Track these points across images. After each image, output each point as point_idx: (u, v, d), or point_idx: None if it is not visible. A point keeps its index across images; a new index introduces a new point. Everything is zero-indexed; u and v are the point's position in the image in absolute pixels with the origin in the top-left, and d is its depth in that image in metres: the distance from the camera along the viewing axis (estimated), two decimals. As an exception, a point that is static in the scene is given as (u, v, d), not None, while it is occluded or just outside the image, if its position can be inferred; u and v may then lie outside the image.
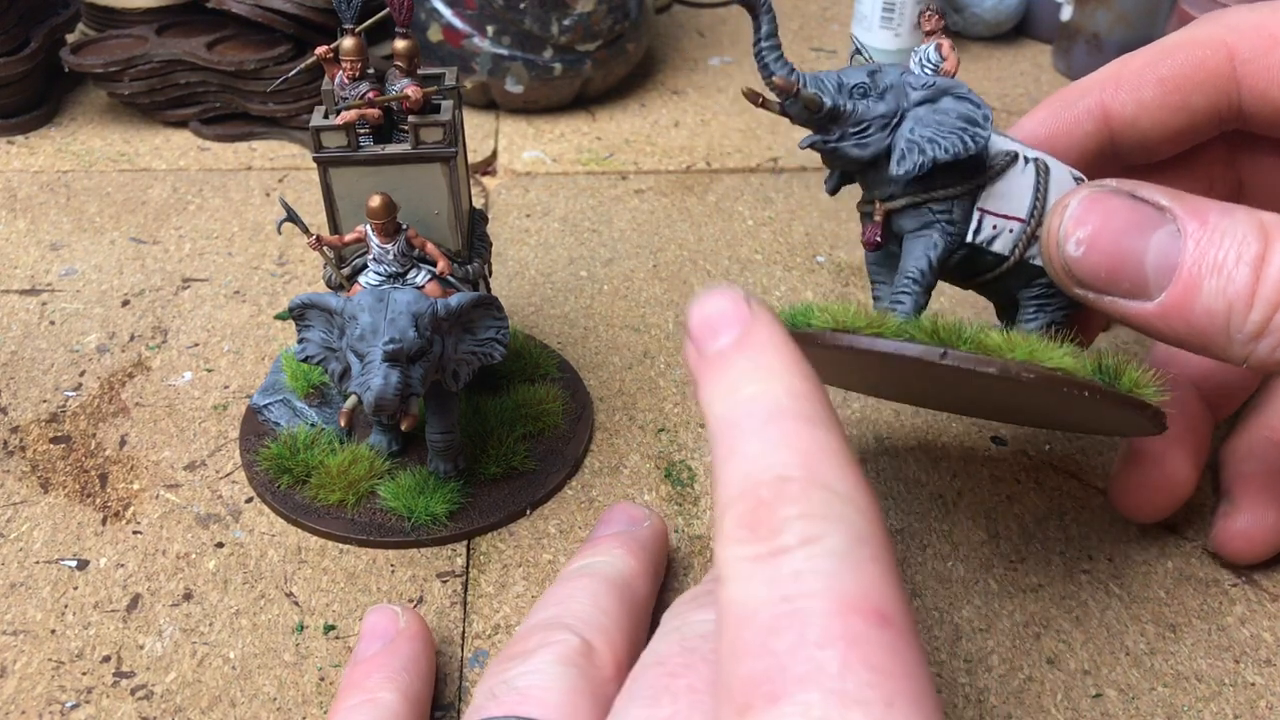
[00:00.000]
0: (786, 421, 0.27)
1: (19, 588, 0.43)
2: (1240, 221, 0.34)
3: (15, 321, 0.58)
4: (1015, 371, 0.36)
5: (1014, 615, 0.43)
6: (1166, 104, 0.41)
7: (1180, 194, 0.35)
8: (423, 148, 0.44)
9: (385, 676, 0.36)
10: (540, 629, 0.35)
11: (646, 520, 0.43)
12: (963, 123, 0.38)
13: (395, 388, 0.39)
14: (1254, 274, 0.33)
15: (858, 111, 0.38)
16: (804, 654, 0.23)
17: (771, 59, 0.38)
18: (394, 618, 0.39)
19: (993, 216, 0.39)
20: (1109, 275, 0.36)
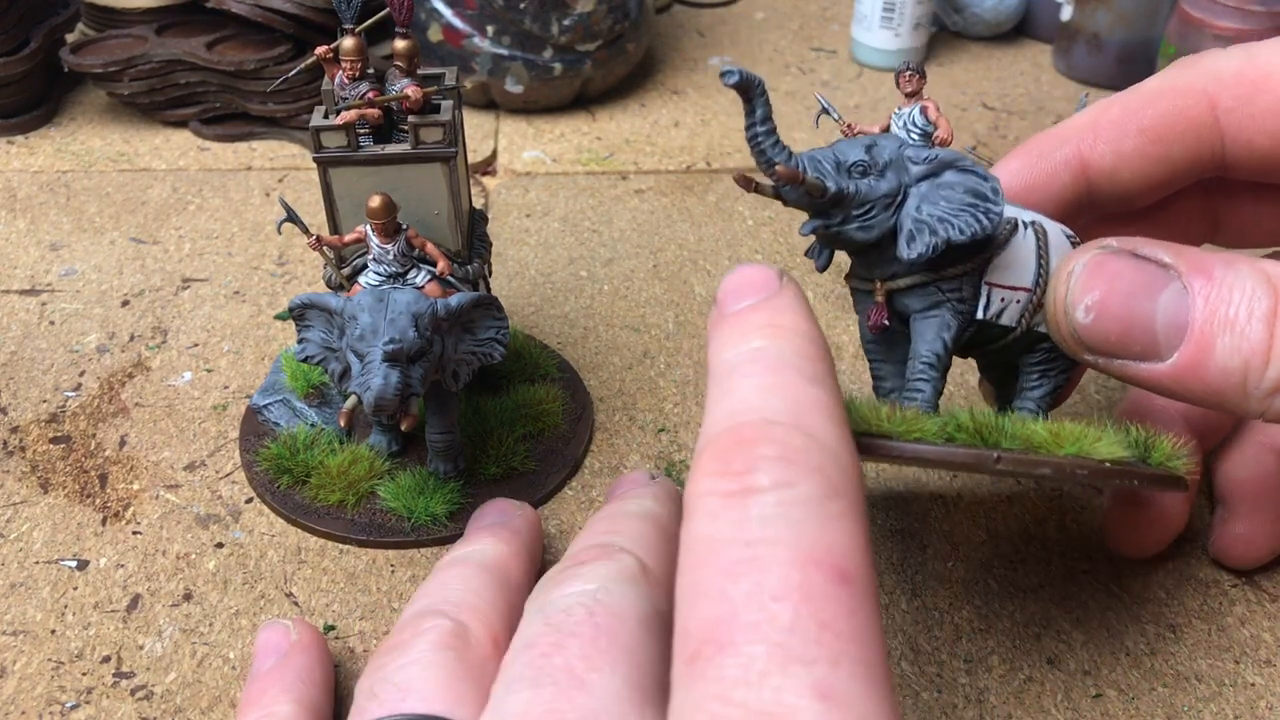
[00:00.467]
0: (786, 374, 0.27)
1: (19, 588, 0.43)
2: (1246, 275, 0.33)
3: (15, 321, 0.58)
4: (1070, 470, 0.35)
5: (1014, 615, 0.43)
6: (1147, 155, 0.40)
7: (1180, 248, 0.34)
8: (423, 148, 0.44)
9: (281, 689, 0.36)
10: (413, 620, 0.35)
11: (518, 511, 0.43)
12: (972, 198, 0.36)
13: (395, 388, 0.39)
14: (1268, 329, 0.32)
15: (860, 193, 0.36)
16: (757, 603, 0.23)
17: (768, 145, 0.36)
18: (285, 632, 0.39)
19: (1000, 289, 0.38)
20: (1120, 340, 0.35)
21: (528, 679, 0.30)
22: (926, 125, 0.38)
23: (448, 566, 0.38)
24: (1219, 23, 0.74)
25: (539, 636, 0.31)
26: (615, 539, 0.36)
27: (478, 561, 0.38)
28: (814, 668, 0.22)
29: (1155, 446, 0.37)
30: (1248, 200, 0.43)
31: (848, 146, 0.37)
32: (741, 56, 0.92)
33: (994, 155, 0.76)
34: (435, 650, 0.33)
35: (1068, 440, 0.36)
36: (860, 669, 0.23)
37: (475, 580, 0.37)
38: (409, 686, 0.32)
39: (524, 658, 0.31)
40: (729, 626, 0.23)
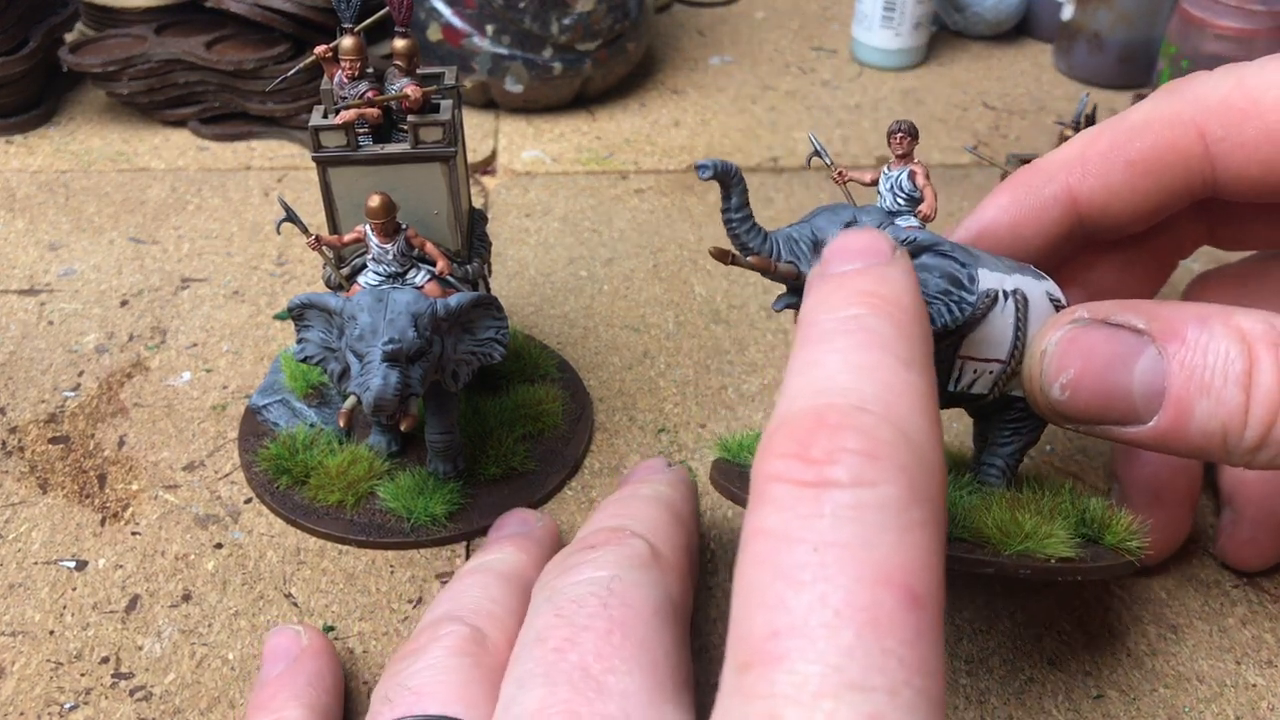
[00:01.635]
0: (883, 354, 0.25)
1: (17, 588, 0.43)
2: (1220, 336, 0.33)
3: (14, 321, 0.58)
4: (1013, 569, 0.36)
5: (1015, 616, 0.43)
6: (1137, 188, 0.39)
7: (1154, 310, 0.34)
8: (422, 147, 0.44)
9: (290, 695, 0.35)
10: (430, 626, 0.35)
11: (538, 521, 0.43)
12: (948, 285, 0.36)
13: (394, 388, 0.39)
14: (1243, 392, 0.32)
15: None
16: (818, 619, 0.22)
17: (743, 231, 0.36)
18: (295, 637, 0.38)
19: (974, 362, 0.38)
20: (1099, 411, 0.35)
21: (540, 676, 0.30)
22: (914, 191, 0.38)
23: (467, 574, 0.38)
24: (1220, 22, 0.74)
25: (550, 630, 0.31)
26: (627, 522, 0.36)
27: (497, 570, 0.38)
28: (871, 696, 0.21)
29: (1110, 527, 0.38)
30: (1242, 212, 0.43)
31: (827, 223, 0.36)
32: (742, 56, 0.92)
33: (994, 155, 0.76)
34: (451, 655, 0.33)
35: (1015, 538, 0.36)
36: (920, 701, 0.22)
37: (494, 588, 0.37)
38: (424, 690, 0.32)
39: (536, 653, 0.31)
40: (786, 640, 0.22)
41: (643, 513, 0.37)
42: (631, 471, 0.44)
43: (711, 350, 0.57)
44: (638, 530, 0.36)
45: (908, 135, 0.38)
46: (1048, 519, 0.37)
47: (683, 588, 0.36)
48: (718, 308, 0.60)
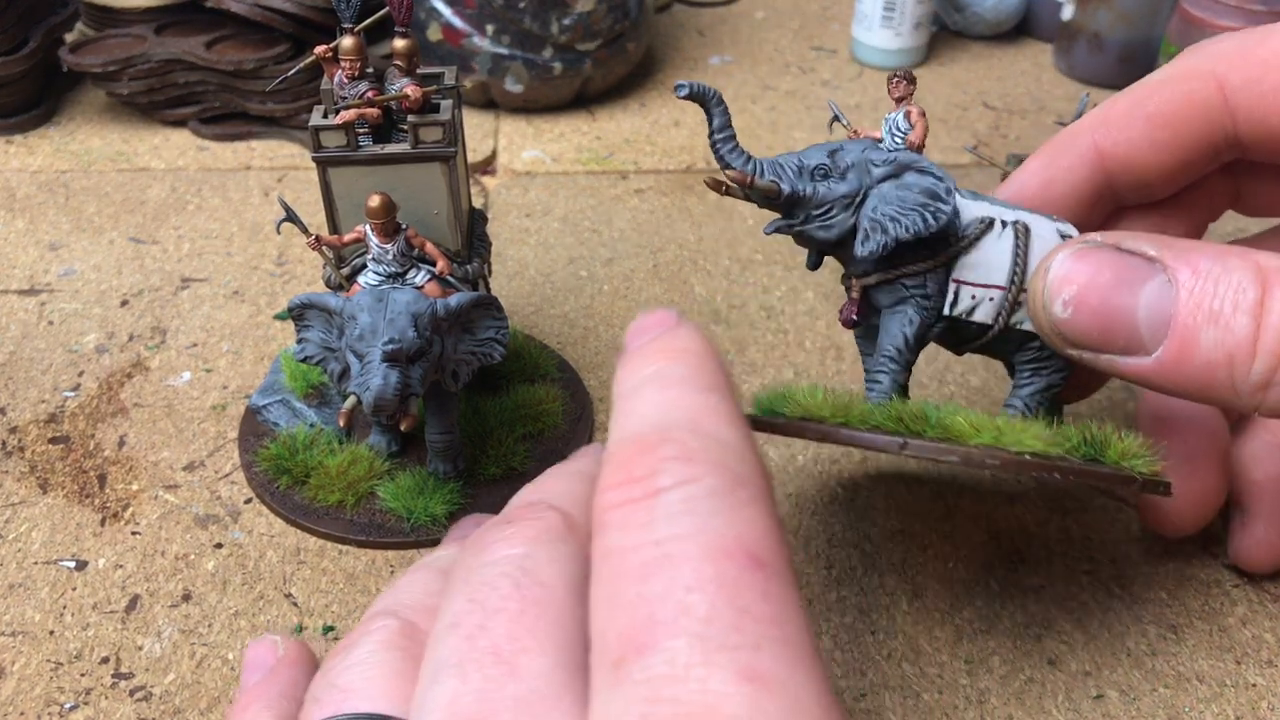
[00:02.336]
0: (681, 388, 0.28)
1: (18, 588, 0.43)
2: (1234, 267, 0.32)
3: (14, 321, 0.58)
4: (979, 460, 0.36)
5: (1015, 616, 0.43)
6: (1156, 140, 0.40)
7: (1170, 240, 0.34)
8: (422, 147, 0.44)
9: (263, 705, 0.35)
10: (361, 623, 0.35)
11: None
12: (925, 198, 0.37)
13: (394, 388, 0.39)
14: (1254, 321, 0.32)
15: (819, 194, 0.38)
16: (673, 599, 0.23)
17: (725, 150, 0.38)
18: (273, 647, 0.38)
19: (970, 287, 0.39)
20: (1101, 334, 0.35)
21: (453, 665, 0.29)
22: (908, 129, 0.39)
23: (409, 573, 0.38)
24: (1220, 22, 0.74)
25: (463, 615, 0.31)
26: (544, 496, 0.36)
27: (438, 566, 0.38)
28: (737, 653, 0.22)
29: (1111, 445, 0.37)
30: (1269, 176, 0.43)
31: (814, 151, 0.39)
32: (742, 56, 0.92)
33: (995, 154, 0.76)
34: (380, 649, 0.32)
35: (987, 431, 0.36)
36: (784, 649, 0.23)
37: (433, 583, 0.36)
38: (351, 687, 0.31)
39: (449, 641, 0.30)
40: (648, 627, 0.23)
41: (559, 486, 0.37)
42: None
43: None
44: (553, 502, 0.35)
45: (904, 80, 0.40)
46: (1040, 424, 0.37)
47: None
48: (718, 308, 0.60)
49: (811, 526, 0.47)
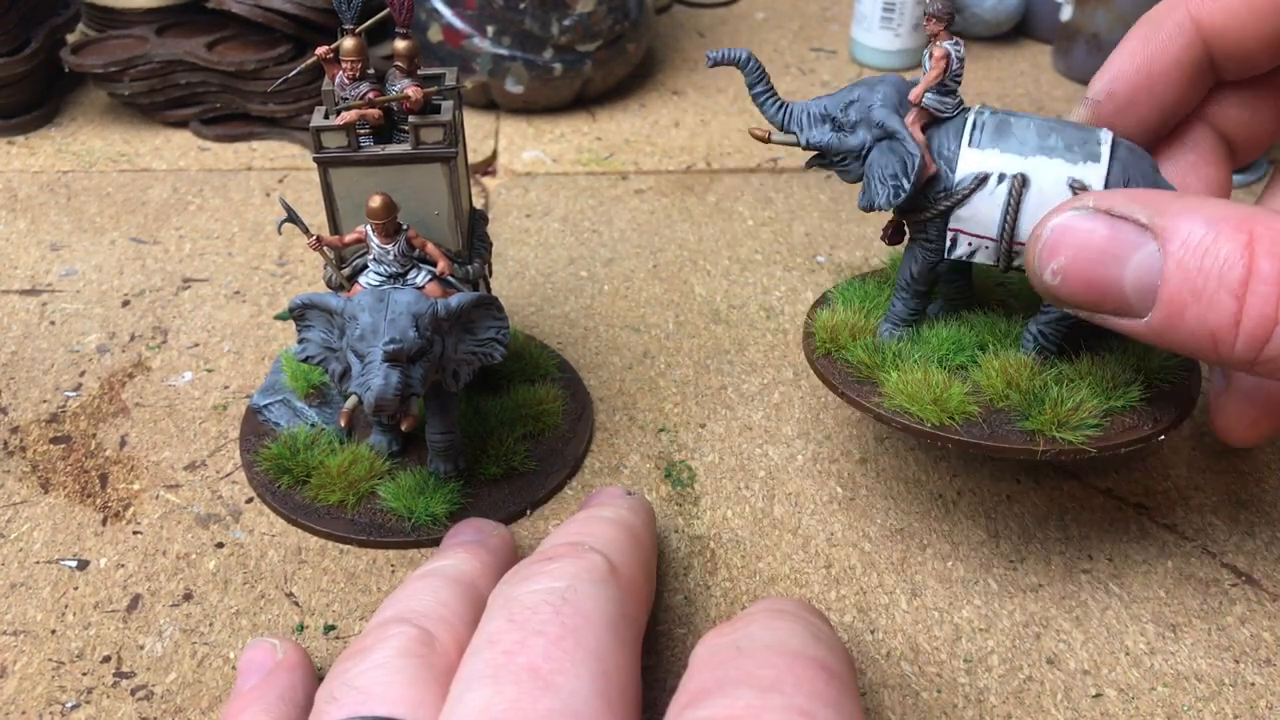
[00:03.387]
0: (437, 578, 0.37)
1: (19, 588, 0.43)
2: (1225, 239, 0.32)
3: (15, 321, 0.58)
4: (888, 419, 0.42)
5: (1014, 615, 0.43)
6: (1256, 7, 0.39)
7: (1165, 203, 0.34)
8: (423, 148, 0.44)
9: (261, 709, 0.35)
10: (378, 627, 0.35)
11: (494, 531, 0.43)
12: (896, 170, 0.41)
13: (395, 388, 0.39)
14: (1237, 302, 0.32)
15: (832, 145, 0.43)
16: None
17: (763, 104, 0.44)
18: (271, 650, 0.38)
19: (966, 235, 0.42)
20: (1091, 300, 0.36)
21: (489, 676, 0.30)
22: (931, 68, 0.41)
23: (418, 578, 0.38)
24: (1219, 23, 0.74)
25: (502, 633, 0.31)
26: (587, 539, 0.36)
27: (448, 574, 0.38)
28: None
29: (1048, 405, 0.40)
30: None
31: (837, 100, 0.43)
32: (741, 57, 0.92)
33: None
34: (398, 656, 0.33)
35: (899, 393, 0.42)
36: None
37: (444, 591, 0.36)
38: (370, 690, 0.32)
39: (486, 655, 0.31)
40: None
41: (602, 532, 0.37)
42: (590, 497, 0.44)
43: (711, 350, 0.57)
44: (596, 546, 0.36)
45: (933, 18, 0.41)
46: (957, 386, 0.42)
47: (638, 606, 0.36)
48: (718, 308, 0.61)
49: (811, 526, 0.47)
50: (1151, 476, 0.50)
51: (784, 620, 0.32)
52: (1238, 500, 0.49)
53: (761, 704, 0.28)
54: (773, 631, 0.32)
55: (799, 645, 0.31)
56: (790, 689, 0.28)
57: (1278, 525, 0.47)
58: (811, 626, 0.32)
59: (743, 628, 0.32)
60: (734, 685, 0.29)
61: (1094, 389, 0.41)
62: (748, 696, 0.28)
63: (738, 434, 0.52)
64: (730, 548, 0.46)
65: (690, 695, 0.29)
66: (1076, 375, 0.42)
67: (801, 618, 0.33)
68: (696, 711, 0.28)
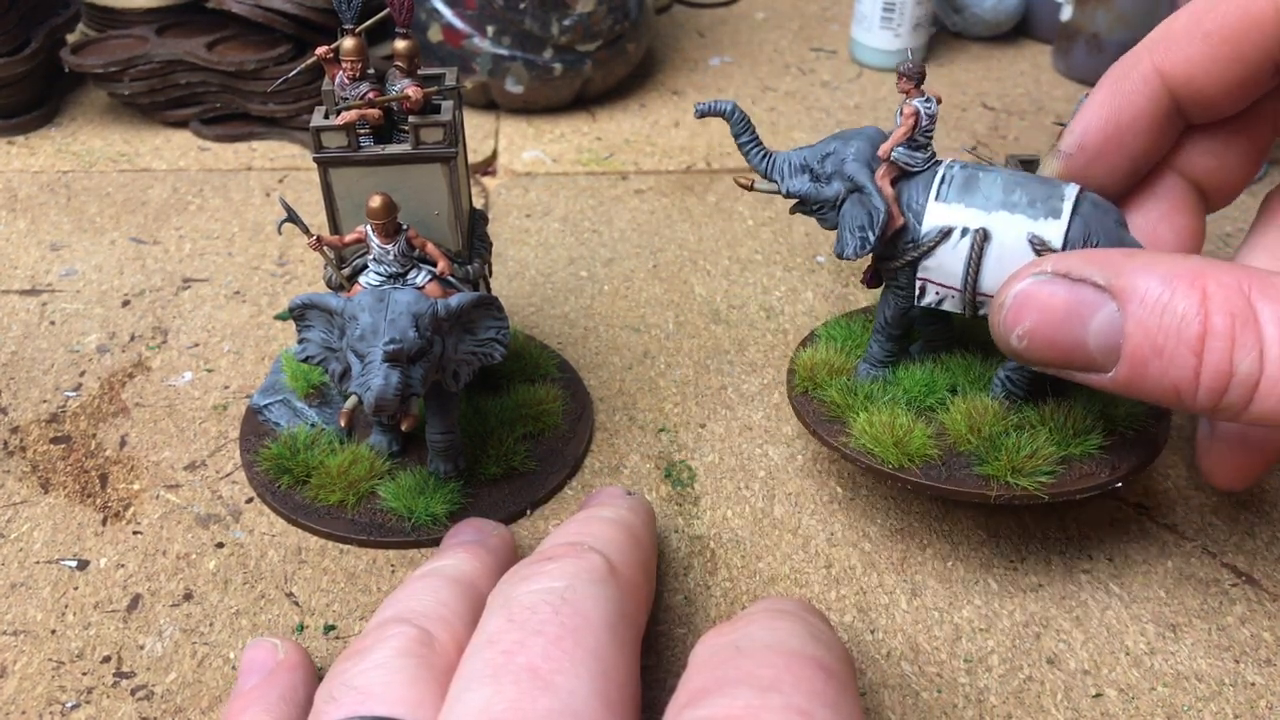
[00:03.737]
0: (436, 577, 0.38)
1: (19, 588, 0.43)
2: (1181, 296, 0.34)
3: (15, 321, 0.58)
4: (854, 459, 0.44)
5: (1014, 615, 0.43)
6: (1218, 58, 0.40)
7: (1121, 263, 0.35)
8: (423, 148, 0.44)
9: (262, 709, 0.35)
10: (377, 627, 0.35)
11: (494, 531, 0.43)
12: (864, 221, 0.43)
13: (395, 388, 0.39)
14: (1195, 357, 0.33)
15: (809, 196, 0.45)
16: None
17: (747, 154, 0.46)
18: (272, 650, 0.38)
19: (934, 284, 0.43)
20: (1058, 360, 0.37)
21: (488, 676, 0.30)
22: None
23: (418, 578, 0.38)
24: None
25: (501, 633, 0.31)
26: (586, 539, 0.36)
27: (447, 574, 0.38)
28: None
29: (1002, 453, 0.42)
30: None
31: (815, 151, 0.45)
32: (742, 57, 0.92)
33: (993, 155, 0.76)
34: (398, 655, 0.33)
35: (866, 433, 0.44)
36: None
37: (443, 591, 0.36)
38: (369, 689, 0.32)
39: (485, 654, 0.31)
40: None
41: (602, 532, 0.38)
42: (590, 497, 0.44)
43: (711, 350, 0.57)
44: (596, 546, 0.36)
45: (904, 77, 0.42)
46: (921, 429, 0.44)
47: (637, 606, 0.36)
48: (718, 308, 0.61)
49: (811, 526, 0.47)
50: (1151, 476, 0.50)
51: (783, 620, 0.32)
52: (1238, 500, 0.49)
53: (760, 703, 0.28)
54: (772, 631, 0.32)
55: (798, 645, 0.31)
56: (789, 689, 0.28)
57: (1278, 525, 0.47)
58: (811, 626, 0.32)
59: (742, 627, 0.32)
60: (733, 685, 0.29)
61: (1053, 436, 0.43)
62: (747, 696, 0.28)
63: (738, 434, 0.52)
64: (730, 548, 0.46)
65: (690, 694, 0.29)
66: (1039, 421, 0.44)
67: (801, 617, 0.33)
68: (696, 711, 0.28)
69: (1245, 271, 0.34)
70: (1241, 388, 0.33)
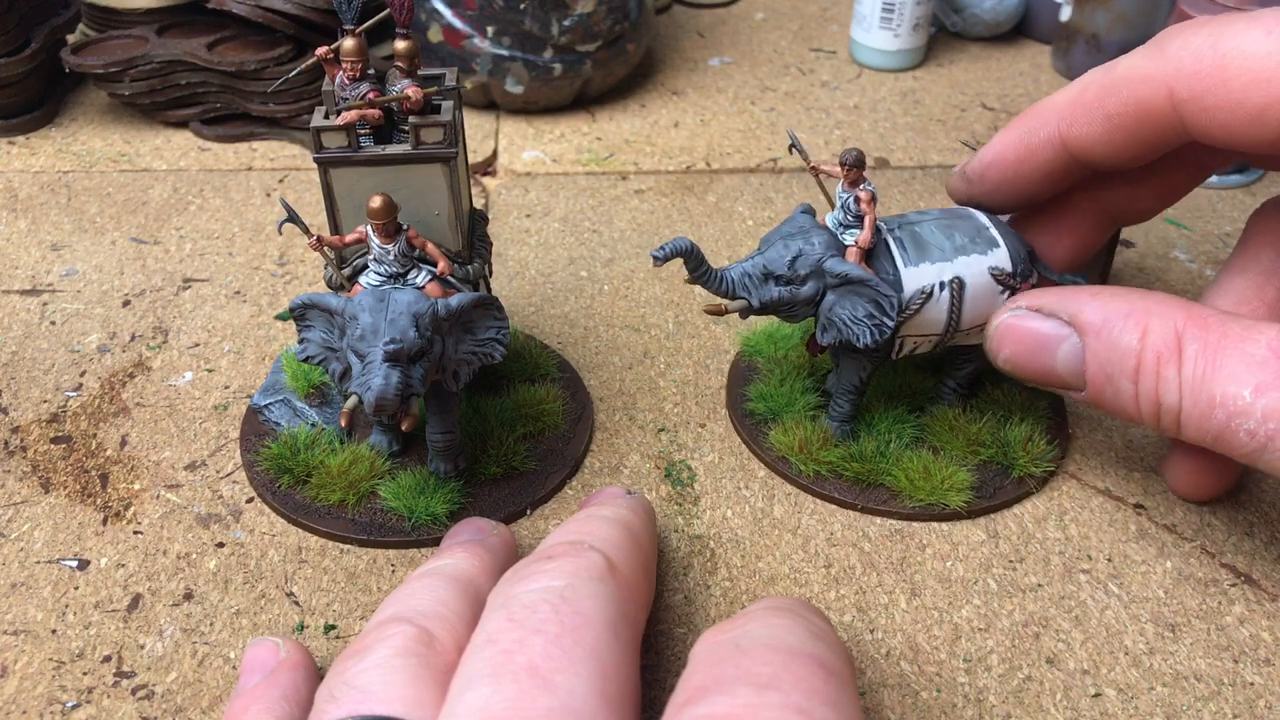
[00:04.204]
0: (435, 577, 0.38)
1: (20, 587, 0.43)
2: (1128, 332, 0.40)
3: (16, 322, 0.58)
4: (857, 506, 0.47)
5: (1013, 615, 0.43)
6: (1115, 139, 0.43)
7: (1085, 301, 0.41)
8: (423, 148, 0.44)
9: (263, 708, 0.35)
10: (377, 626, 0.35)
11: (494, 530, 0.43)
12: (873, 309, 0.44)
13: (395, 388, 0.39)
14: (1133, 386, 0.40)
15: (783, 300, 0.45)
16: None
17: (706, 284, 0.46)
18: (274, 649, 0.38)
19: (913, 338, 0.46)
20: (1038, 379, 0.44)
21: (488, 675, 0.30)
22: (859, 211, 0.45)
23: (417, 578, 0.38)
24: (1218, 23, 0.74)
25: (501, 632, 0.31)
26: (586, 538, 0.36)
27: (447, 573, 0.38)
28: None
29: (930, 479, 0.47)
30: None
31: (777, 256, 0.45)
32: (741, 57, 0.92)
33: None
34: (397, 655, 0.33)
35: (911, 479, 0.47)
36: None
37: (443, 590, 0.36)
38: (369, 689, 0.32)
39: (485, 654, 0.31)
40: None
41: (601, 531, 0.38)
42: (590, 497, 0.44)
43: (711, 350, 0.57)
44: (595, 545, 0.36)
45: (852, 167, 0.44)
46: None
47: (636, 606, 0.36)
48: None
49: (810, 525, 0.47)
50: (1150, 476, 0.50)
51: (783, 617, 0.32)
52: (1237, 500, 0.49)
53: (759, 701, 0.28)
54: (771, 629, 0.32)
55: (797, 642, 0.31)
56: (788, 687, 0.28)
57: (1277, 525, 0.47)
58: (810, 624, 0.33)
59: (742, 625, 0.32)
60: (732, 683, 0.29)
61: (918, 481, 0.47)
62: (745, 694, 0.28)
63: (738, 433, 0.52)
64: (730, 547, 0.46)
65: (689, 692, 0.29)
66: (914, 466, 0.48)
67: (800, 615, 0.33)
68: (695, 709, 0.28)
69: (1188, 311, 0.39)
70: (1169, 415, 0.39)
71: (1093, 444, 0.52)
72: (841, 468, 0.48)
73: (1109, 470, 0.50)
